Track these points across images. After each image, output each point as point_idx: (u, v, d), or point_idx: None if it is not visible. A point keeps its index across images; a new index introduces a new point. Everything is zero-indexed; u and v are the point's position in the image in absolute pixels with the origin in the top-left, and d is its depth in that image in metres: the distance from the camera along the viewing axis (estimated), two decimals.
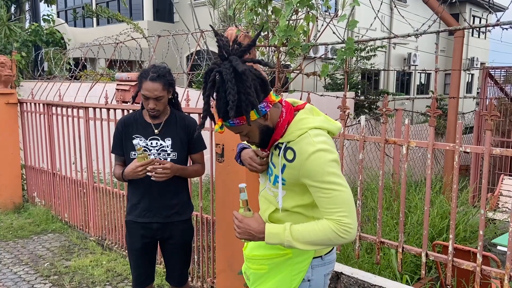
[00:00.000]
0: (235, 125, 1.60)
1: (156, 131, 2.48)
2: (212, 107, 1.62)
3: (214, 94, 1.58)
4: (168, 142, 2.49)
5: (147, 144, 2.47)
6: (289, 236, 1.59)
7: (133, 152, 2.48)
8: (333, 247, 1.84)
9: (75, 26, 17.73)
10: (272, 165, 1.71)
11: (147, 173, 2.36)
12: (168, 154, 2.47)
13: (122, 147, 2.53)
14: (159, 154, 2.46)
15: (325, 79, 12.57)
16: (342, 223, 1.54)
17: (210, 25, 1.95)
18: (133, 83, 3.97)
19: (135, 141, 2.43)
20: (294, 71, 3.00)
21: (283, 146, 1.65)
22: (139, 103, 2.69)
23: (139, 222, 2.51)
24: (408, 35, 2.54)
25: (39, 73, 8.12)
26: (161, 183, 2.43)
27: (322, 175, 1.56)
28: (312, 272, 1.76)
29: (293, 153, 1.61)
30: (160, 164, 2.34)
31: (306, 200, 1.68)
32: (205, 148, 2.67)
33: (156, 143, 2.48)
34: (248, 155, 1.83)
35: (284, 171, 1.64)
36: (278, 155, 1.67)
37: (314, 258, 1.75)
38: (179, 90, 2.81)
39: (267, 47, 2.99)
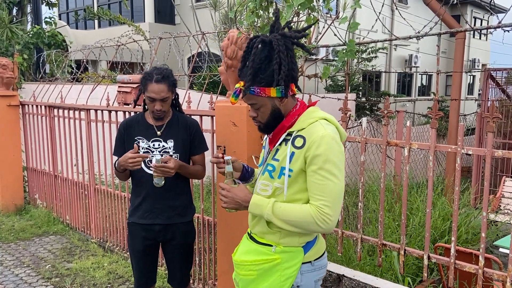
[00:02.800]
0: (255, 94, 1.65)
1: (158, 132, 2.49)
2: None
3: (251, 59, 1.63)
4: (170, 143, 2.49)
5: (149, 146, 2.48)
6: (270, 210, 1.65)
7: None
8: (324, 252, 1.84)
9: (76, 28, 17.75)
10: (275, 160, 1.73)
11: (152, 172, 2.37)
12: (171, 156, 2.48)
13: (123, 150, 2.54)
14: (161, 155, 2.47)
15: (326, 81, 12.57)
16: (322, 211, 1.58)
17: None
18: (135, 85, 3.98)
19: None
20: None
21: (293, 135, 1.68)
22: (141, 105, 2.70)
23: (141, 223, 2.52)
24: (410, 37, 2.54)
25: (40, 75, 8.13)
26: (163, 185, 2.43)
27: (324, 161, 1.59)
28: (302, 278, 1.74)
29: (303, 139, 1.64)
30: (163, 163, 2.34)
31: (305, 194, 1.69)
32: (207, 149, 2.67)
33: (159, 145, 2.49)
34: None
35: (292, 160, 1.66)
36: (286, 145, 1.70)
37: (303, 263, 1.74)
38: (180, 92, 2.82)
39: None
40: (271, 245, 1.74)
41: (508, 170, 7.75)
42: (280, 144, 1.73)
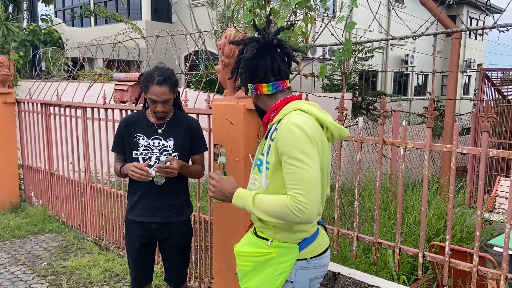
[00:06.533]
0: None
1: (159, 130, 2.49)
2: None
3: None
4: (170, 142, 2.49)
5: (149, 144, 2.48)
6: (250, 201, 1.68)
7: (135, 151, 2.49)
8: (324, 252, 1.85)
9: (73, 25, 17.67)
10: (261, 154, 1.81)
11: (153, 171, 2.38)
12: (170, 154, 2.48)
13: (122, 146, 2.54)
14: (161, 154, 2.47)
15: (323, 80, 12.59)
16: (296, 200, 1.57)
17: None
18: (131, 83, 3.97)
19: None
20: (292, 72, 3.00)
21: (272, 128, 1.75)
22: (140, 104, 2.70)
23: (139, 221, 2.52)
24: (406, 37, 2.56)
25: (37, 72, 8.10)
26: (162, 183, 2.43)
27: (290, 150, 1.61)
28: (296, 274, 1.76)
29: (277, 132, 1.70)
30: (167, 163, 2.35)
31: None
32: (207, 149, 2.68)
33: (159, 143, 2.49)
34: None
35: (269, 153, 1.72)
36: (266, 138, 1.79)
37: (299, 260, 1.76)
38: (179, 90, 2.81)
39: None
40: (268, 239, 1.78)
41: (503, 169, 7.79)
42: (266, 138, 1.81)
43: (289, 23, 2.67)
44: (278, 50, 1.78)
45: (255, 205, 1.68)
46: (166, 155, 2.47)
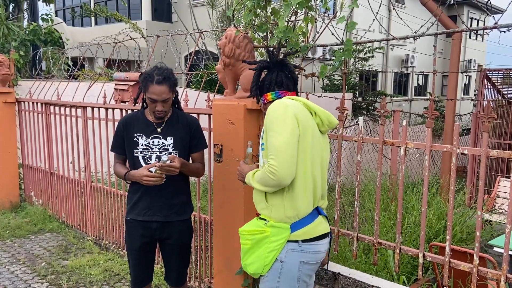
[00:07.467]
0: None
1: (158, 129, 2.50)
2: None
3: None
4: (170, 140, 2.50)
5: (148, 143, 2.48)
6: (251, 176, 1.97)
7: (134, 151, 2.49)
8: (318, 238, 1.98)
9: (73, 25, 17.67)
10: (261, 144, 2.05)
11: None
12: (170, 153, 2.48)
13: (122, 146, 2.54)
14: (160, 152, 2.48)
15: (323, 80, 12.59)
16: (269, 164, 1.83)
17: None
18: (132, 83, 3.97)
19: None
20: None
21: None
22: (139, 103, 2.70)
23: (139, 220, 2.52)
24: (406, 37, 2.55)
25: (37, 72, 8.10)
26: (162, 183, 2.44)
27: (270, 125, 1.87)
28: (286, 254, 1.93)
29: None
30: (169, 162, 2.35)
31: None
32: (206, 147, 2.68)
33: (158, 142, 2.49)
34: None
35: (263, 135, 1.96)
36: None
37: (290, 241, 1.93)
38: (177, 90, 2.82)
39: (266, 48, 2.99)
40: (265, 220, 1.98)
41: (503, 170, 7.79)
42: None
43: (290, 25, 2.67)
44: (284, 68, 2.10)
45: (253, 178, 1.95)
46: (166, 153, 2.47)
